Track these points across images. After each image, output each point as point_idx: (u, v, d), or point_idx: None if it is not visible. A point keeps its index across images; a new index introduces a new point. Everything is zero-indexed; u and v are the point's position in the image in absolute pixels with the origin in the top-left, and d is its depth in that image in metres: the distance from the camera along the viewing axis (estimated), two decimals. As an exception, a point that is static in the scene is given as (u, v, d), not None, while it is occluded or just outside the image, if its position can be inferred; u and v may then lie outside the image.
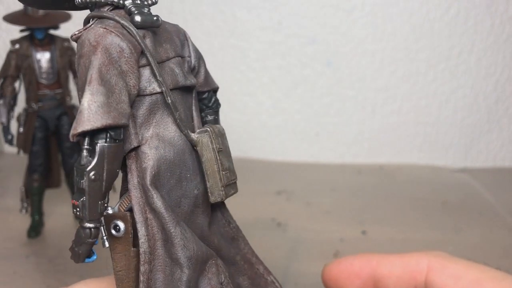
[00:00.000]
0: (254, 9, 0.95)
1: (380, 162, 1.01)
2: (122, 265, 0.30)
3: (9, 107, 0.70)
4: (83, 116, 0.27)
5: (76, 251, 0.29)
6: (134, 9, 0.30)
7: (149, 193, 0.30)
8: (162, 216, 0.30)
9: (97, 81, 0.28)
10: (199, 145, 0.32)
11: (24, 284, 0.62)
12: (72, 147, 0.74)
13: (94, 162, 0.28)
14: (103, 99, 0.27)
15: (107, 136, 0.28)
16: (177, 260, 0.30)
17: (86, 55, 0.29)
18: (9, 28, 0.84)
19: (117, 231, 0.30)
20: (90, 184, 0.28)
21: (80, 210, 0.28)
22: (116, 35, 0.29)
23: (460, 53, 0.96)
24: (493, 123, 1.00)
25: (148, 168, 0.30)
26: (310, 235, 0.73)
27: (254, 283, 0.36)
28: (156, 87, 0.30)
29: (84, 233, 0.29)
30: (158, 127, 0.31)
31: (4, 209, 0.80)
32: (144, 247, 0.29)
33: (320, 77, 0.98)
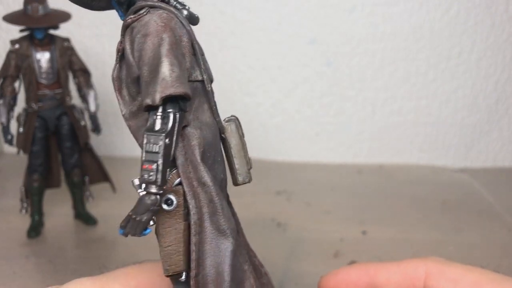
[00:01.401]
0: (254, 9, 0.95)
1: (380, 162, 1.01)
2: (171, 240, 0.31)
3: (9, 107, 0.70)
4: (167, 82, 0.29)
5: (137, 220, 0.29)
6: (179, 6, 0.33)
7: (199, 167, 0.31)
8: (210, 189, 0.31)
9: (173, 55, 0.30)
10: (227, 131, 0.35)
11: (24, 284, 0.62)
12: (72, 147, 0.74)
13: (170, 128, 0.29)
14: (179, 71, 0.30)
15: (179, 106, 0.30)
16: (224, 231, 0.31)
17: (154, 34, 0.30)
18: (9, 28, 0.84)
19: (169, 205, 0.31)
20: (166, 148, 0.29)
21: (154, 174, 0.29)
22: (177, 22, 0.31)
23: (460, 53, 0.96)
24: (493, 123, 1.00)
25: (197, 145, 0.32)
26: (310, 235, 0.73)
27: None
28: (199, 75, 0.33)
29: (150, 200, 0.29)
30: (197, 112, 0.33)
31: (4, 209, 0.80)
32: (195, 218, 0.31)
33: (320, 77, 0.98)
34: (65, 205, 0.79)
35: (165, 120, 0.30)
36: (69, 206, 0.78)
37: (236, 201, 0.39)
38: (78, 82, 0.73)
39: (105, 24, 0.97)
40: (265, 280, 0.38)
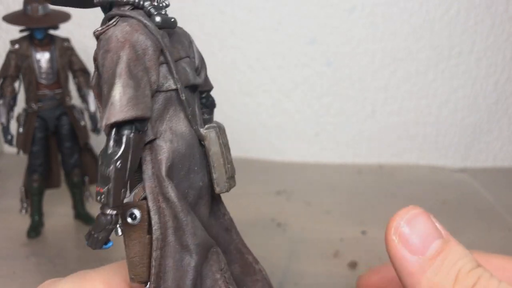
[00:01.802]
0: (254, 9, 0.95)
1: (380, 162, 1.01)
2: (136, 252, 0.32)
3: (8, 107, 0.70)
4: (115, 107, 0.29)
5: (95, 237, 0.30)
6: (154, 11, 0.32)
7: (164, 183, 0.31)
8: (175, 205, 0.31)
9: (127, 75, 0.29)
10: (207, 139, 0.34)
11: (24, 284, 0.62)
12: (72, 147, 0.74)
13: (121, 152, 0.29)
14: (132, 92, 0.29)
15: (134, 128, 0.29)
16: (187, 247, 0.32)
17: (114, 50, 0.30)
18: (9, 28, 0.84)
19: (133, 219, 0.31)
20: (116, 172, 0.29)
21: (105, 197, 0.29)
22: (141, 33, 0.31)
23: (460, 53, 0.96)
24: (493, 123, 1.00)
25: (164, 160, 0.31)
26: (310, 235, 0.73)
27: (244, 271, 0.38)
28: (172, 84, 0.32)
29: (105, 220, 0.30)
30: (171, 122, 0.32)
31: (4, 209, 0.80)
32: (157, 234, 0.31)
33: (320, 77, 0.98)
34: (65, 205, 0.79)
35: (118, 143, 0.29)
36: (69, 206, 0.78)
37: (236, 201, 0.39)
38: (78, 82, 0.73)
39: (105, 24, 0.97)
40: (259, 276, 0.38)
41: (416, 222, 0.31)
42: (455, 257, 0.29)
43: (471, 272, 0.28)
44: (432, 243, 0.30)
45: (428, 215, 0.32)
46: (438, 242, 0.30)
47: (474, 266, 0.29)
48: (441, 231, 0.31)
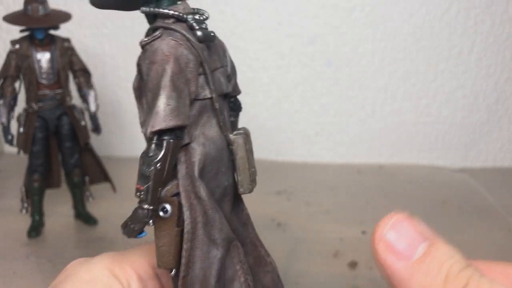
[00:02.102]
0: (254, 9, 0.96)
1: (380, 162, 1.01)
2: (164, 242, 0.35)
3: (9, 107, 0.70)
4: (159, 116, 0.32)
5: (132, 227, 0.34)
6: (196, 25, 0.34)
7: (196, 182, 0.34)
8: (205, 203, 0.34)
9: (171, 88, 0.32)
10: (235, 145, 0.37)
11: (24, 284, 0.62)
12: (72, 147, 0.74)
13: (161, 155, 0.33)
14: (175, 103, 0.32)
15: (173, 134, 0.33)
16: (214, 241, 0.35)
17: (159, 63, 0.33)
18: (9, 28, 0.84)
19: (164, 213, 0.34)
20: (156, 173, 0.33)
21: (144, 194, 0.33)
22: (185, 48, 0.33)
23: (460, 53, 0.96)
24: (493, 123, 1.00)
25: (197, 161, 0.35)
26: (310, 235, 0.73)
27: (256, 262, 0.41)
28: (208, 93, 0.35)
29: (142, 213, 0.33)
30: (204, 127, 0.36)
31: (4, 209, 0.80)
32: (188, 228, 0.34)
33: (320, 77, 0.98)
34: (66, 205, 0.79)
35: (159, 147, 0.33)
36: (70, 206, 0.78)
37: (236, 201, 0.39)
38: (79, 82, 0.73)
39: (105, 24, 0.97)
40: (269, 268, 0.41)
41: (401, 228, 0.31)
42: (442, 258, 0.29)
43: (461, 273, 0.28)
44: (418, 246, 0.30)
45: (411, 220, 0.31)
46: (424, 245, 0.30)
47: (464, 266, 0.29)
48: (427, 233, 0.31)
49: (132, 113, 1.02)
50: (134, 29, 0.97)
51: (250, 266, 0.40)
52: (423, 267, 0.29)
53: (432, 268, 0.29)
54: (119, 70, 0.99)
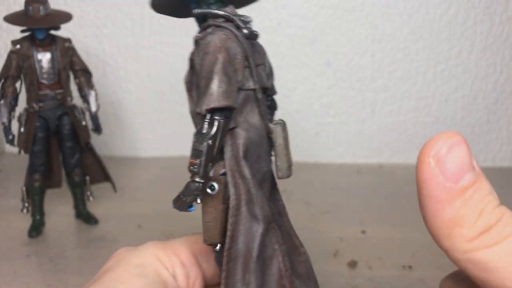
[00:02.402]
0: (254, 10, 0.95)
1: (380, 162, 1.02)
2: (211, 218, 0.38)
3: (10, 107, 0.70)
4: (213, 96, 0.36)
5: (183, 200, 0.37)
6: (242, 24, 0.39)
7: (241, 163, 0.38)
8: (249, 181, 0.38)
9: (222, 73, 0.36)
10: (274, 133, 0.41)
11: (25, 284, 0.62)
12: (73, 147, 0.74)
13: (213, 132, 0.36)
14: (226, 86, 0.36)
15: (223, 114, 0.36)
16: (256, 217, 0.38)
17: (212, 53, 0.37)
18: (10, 29, 0.84)
19: (212, 190, 0.37)
20: (208, 148, 0.36)
21: (197, 167, 0.36)
22: (233, 41, 0.38)
23: (459, 54, 0.96)
24: (492, 123, 1.00)
25: (241, 144, 0.38)
26: (310, 235, 0.73)
27: (291, 251, 0.44)
28: (251, 84, 0.39)
29: (194, 186, 0.36)
30: (247, 115, 0.39)
31: (5, 209, 0.80)
32: (233, 203, 0.37)
33: (320, 77, 0.98)
34: (66, 205, 0.79)
35: (211, 125, 0.36)
36: (70, 205, 0.78)
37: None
38: (79, 82, 0.73)
39: (106, 24, 0.97)
40: (303, 258, 0.44)
41: (456, 150, 0.31)
42: (484, 191, 0.30)
43: (497, 209, 0.29)
44: (467, 174, 0.30)
45: (468, 145, 0.31)
46: (472, 174, 0.30)
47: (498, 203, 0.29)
48: (475, 165, 0.31)
49: (132, 113, 1.03)
50: (135, 29, 0.97)
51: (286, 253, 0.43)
52: (466, 195, 0.29)
53: (473, 199, 0.29)
54: (120, 70, 1.00)
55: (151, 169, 0.98)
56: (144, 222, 0.75)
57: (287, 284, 0.39)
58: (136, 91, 1.01)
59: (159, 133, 1.03)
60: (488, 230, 0.29)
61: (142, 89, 1.00)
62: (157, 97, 1.00)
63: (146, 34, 0.97)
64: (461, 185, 0.29)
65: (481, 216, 0.29)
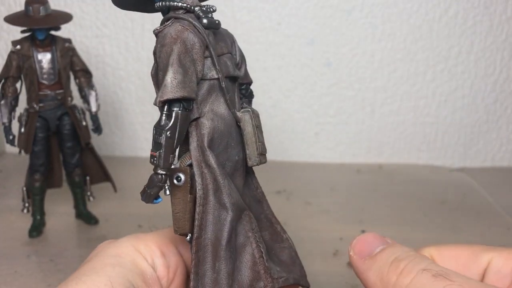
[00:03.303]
0: (254, 10, 0.96)
1: (379, 162, 1.02)
2: (179, 208, 0.38)
3: (10, 107, 0.70)
4: (167, 88, 0.36)
5: (148, 192, 0.38)
6: (202, 14, 0.39)
7: (206, 152, 0.38)
8: (214, 170, 0.38)
9: (177, 64, 0.36)
10: (242, 121, 0.41)
11: (25, 284, 0.62)
12: (73, 147, 0.74)
13: (171, 124, 0.36)
14: (181, 77, 0.36)
15: (181, 106, 0.36)
16: (224, 205, 0.38)
17: (168, 45, 0.37)
18: (10, 29, 0.84)
19: (178, 181, 0.38)
20: (167, 140, 0.36)
21: (157, 160, 0.37)
22: (190, 32, 0.38)
23: (459, 54, 0.97)
24: (492, 123, 1.01)
25: (206, 134, 0.38)
26: (310, 235, 0.73)
27: (272, 238, 0.44)
28: (214, 74, 0.39)
29: (156, 178, 0.37)
30: (213, 105, 0.39)
31: (5, 209, 0.80)
32: (200, 193, 0.38)
33: (320, 77, 0.98)
34: (67, 204, 0.79)
35: (169, 117, 0.36)
36: (71, 205, 0.78)
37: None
38: (79, 82, 0.74)
39: (106, 25, 0.97)
40: (286, 244, 0.44)
41: (366, 238, 0.39)
42: (395, 251, 0.36)
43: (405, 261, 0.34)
44: (378, 247, 0.37)
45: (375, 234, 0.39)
46: (382, 246, 0.37)
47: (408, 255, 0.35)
48: (388, 241, 0.38)
49: (132, 113, 1.03)
50: (135, 30, 0.97)
51: (267, 241, 0.43)
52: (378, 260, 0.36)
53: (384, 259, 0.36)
54: (120, 71, 1.00)
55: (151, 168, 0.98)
56: (144, 222, 0.75)
57: (261, 271, 0.40)
58: (136, 91, 1.01)
59: (159, 133, 1.03)
60: None
61: (142, 89, 1.00)
62: (157, 97, 1.00)
63: (146, 34, 0.97)
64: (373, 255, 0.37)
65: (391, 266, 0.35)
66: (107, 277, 0.36)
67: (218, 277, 0.38)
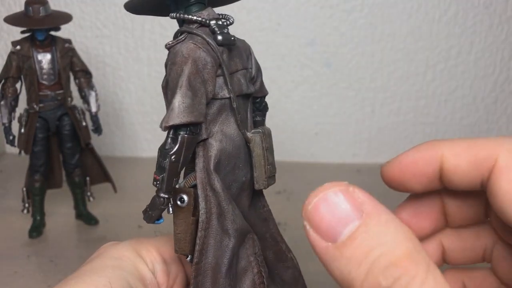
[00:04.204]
0: (254, 10, 0.96)
1: (379, 162, 1.01)
2: (181, 229, 0.37)
3: (10, 108, 0.70)
4: (174, 113, 0.35)
5: (150, 214, 0.37)
6: (217, 29, 0.37)
7: (211, 175, 0.37)
8: (219, 195, 0.37)
9: (186, 87, 0.35)
10: (252, 142, 0.40)
11: (25, 284, 0.62)
12: (73, 147, 0.74)
13: (176, 148, 0.35)
14: (189, 101, 0.35)
15: (188, 130, 0.35)
16: (227, 231, 0.37)
17: (179, 64, 0.36)
18: (10, 29, 0.84)
19: (182, 202, 0.37)
20: (171, 165, 0.35)
21: (159, 183, 0.36)
22: (203, 50, 0.36)
23: (459, 54, 0.97)
24: (491, 123, 1.00)
25: (213, 156, 0.37)
26: (310, 235, 0.73)
27: (277, 257, 0.43)
28: (226, 93, 0.37)
29: (158, 201, 0.36)
30: (222, 125, 0.38)
31: (5, 209, 0.80)
32: (203, 217, 0.37)
33: (320, 77, 0.98)
34: (66, 205, 0.79)
35: (174, 141, 0.35)
36: (71, 206, 0.78)
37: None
38: (79, 83, 0.74)
39: (106, 25, 0.97)
40: (290, 264, 0.44)
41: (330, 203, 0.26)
42: (370, 243, 0.24)
43: (389, 270, 0.23)
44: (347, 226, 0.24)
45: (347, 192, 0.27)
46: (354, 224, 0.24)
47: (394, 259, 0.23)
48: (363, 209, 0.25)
49: (132, 114, 1.03)
50: (135, 30, 0.97)
51: (270, 260, 0.42)
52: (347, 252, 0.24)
53: (355, 255, 0.24)
54: (120, 71, 1.00)
55: (151, 169, 0.97)
56: (144, 222, 0.75)
57: None
58: (136, 92, 1.01)
59: (159, 133, 1.03)
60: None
61: (142, 90, 1.00)
62: (157, 97, 1.00)
63: (146, 34, 0.97)
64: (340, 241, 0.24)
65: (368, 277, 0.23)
66: (106, 278, 0.36)
67: None
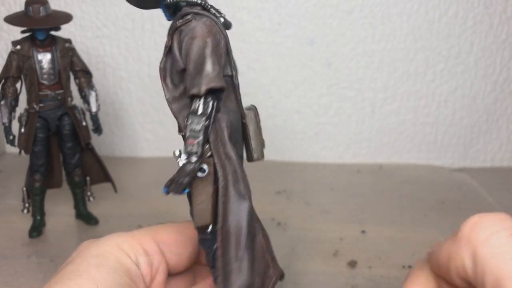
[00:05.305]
0: (254, 10, 0.96)
1: (379, 162, 1.02)
2: (202, 200, 0.39)
3: (10, 107, 0.70)
4: (210, 77, 0.37)
5: (180, 182, 0.37)
6: (218, 14, 0.40)
7: (227, 145, 0.39)
8: (234, 162, 0.39)
9: (214, 56, 0.38)
10: (247, 118, 0.42)
11: (25, 284, 0.62)
12: (73, 147, 0.74)
13: (209, 112, 0.37)
14: (218, 69, 0.37)
15: (216, 96, 0.38)
16: (243, 195, 0.40)
17: (201, 37, 0.38)
18: (10, 29, 0.84)
19: (202, 173, 0.38)
20: (205, 128, 0.37)
21: (196, 147, 0.37)
22: (216, 28, 0.39)
23: (458, 54, 0.97)
24: (492, 123, 1.01)
25: (226, 127, 0.39)
26: (310, 235, 0.73)
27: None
28: (229, 71, 0.40)
29: (190, 167, 0.37)
30: (226, 101, 0.40)
31: (5, 209, 0.80)
32: (222, 184, 0.39)
33: (320, 77, 0.98)
34: (67, 205, 0.79)
35: (206, 106, 0.37)
36: (71, 206, 0.78)
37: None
38: (80, 83, 0.74)
39: (106, 25, 0.97)
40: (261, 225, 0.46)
41: None
42: None
43: None
44: None
45: None
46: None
47: None
48: None
49: (132, 114, 1.03)
50: (135, 30, 0.97)
51: None
52: None
53: None
54: (120, 71, 1.00)
55: (151, 169, 0.98)
56: (144, 222, 0.75)
57: (269, 260, 0.42)
58: (136, 92, 1.01)
59: (159, 133, 1.03)
60: None
61: (143, 90, 1.00)
62: (157, 97, 1.00)
63: (146, 34, 0.97)
64: None
65: None
66: (91, 279, 0.35)
67: (241, 265, 0.39)
